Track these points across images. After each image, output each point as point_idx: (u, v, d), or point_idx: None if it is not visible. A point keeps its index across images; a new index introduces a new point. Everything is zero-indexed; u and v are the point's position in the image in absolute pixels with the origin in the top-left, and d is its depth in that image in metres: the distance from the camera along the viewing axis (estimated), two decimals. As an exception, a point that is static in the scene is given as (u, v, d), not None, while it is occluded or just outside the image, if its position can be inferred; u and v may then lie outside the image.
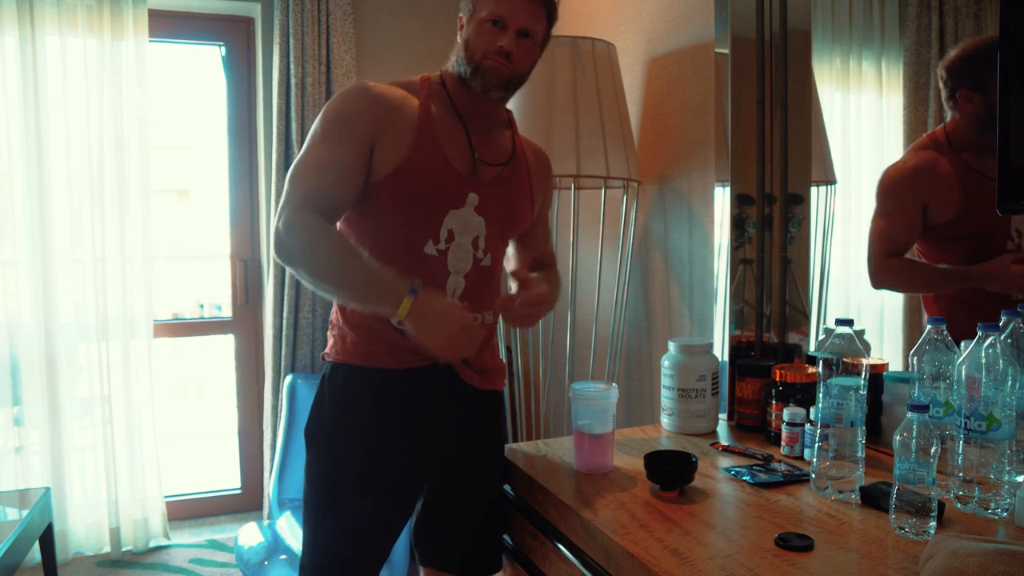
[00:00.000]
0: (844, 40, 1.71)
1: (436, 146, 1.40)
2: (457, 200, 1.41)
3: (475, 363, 1.48)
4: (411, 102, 1.42)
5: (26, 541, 2.11)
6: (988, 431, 1.13)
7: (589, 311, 2.61)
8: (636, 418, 2.43)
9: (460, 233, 1.42)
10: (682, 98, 2.17)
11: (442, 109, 1.45)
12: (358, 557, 1.44)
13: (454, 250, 1.42)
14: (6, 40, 2.65)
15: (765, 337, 1.87)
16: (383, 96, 1.40)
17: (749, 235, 1.84)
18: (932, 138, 1.48)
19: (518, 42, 1.40)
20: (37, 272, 2.73)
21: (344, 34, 2.95)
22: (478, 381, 1.49)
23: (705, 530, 1.13)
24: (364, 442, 1.42)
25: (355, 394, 1.43)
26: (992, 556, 0.90)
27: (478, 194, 1.43)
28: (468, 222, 1.42)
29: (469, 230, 1.43)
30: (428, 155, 1.39)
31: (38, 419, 2.77)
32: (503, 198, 1.47)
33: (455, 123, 1.45)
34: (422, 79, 1.48)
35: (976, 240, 1.45)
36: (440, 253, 1.41)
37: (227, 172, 3.16)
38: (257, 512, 3.23)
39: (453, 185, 1.41)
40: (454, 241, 1.42)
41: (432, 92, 1.45)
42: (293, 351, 2.96)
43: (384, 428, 1.42)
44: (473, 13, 1.41)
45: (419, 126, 1.40)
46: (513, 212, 1.51)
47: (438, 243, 1.41)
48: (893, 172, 1.56)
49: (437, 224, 1.40)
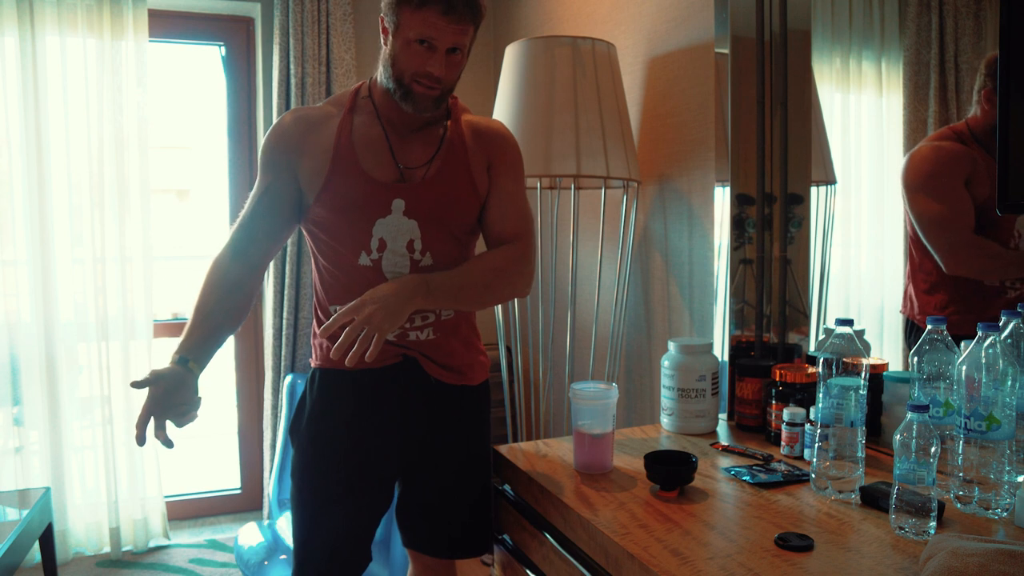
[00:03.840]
0: (844, 40, 1.71)
1: (351, 161, 1.44)
2: (382, 209, 1.43)
3: (440, 359, 1.51)
4: (333, 120, 1.47)
5: (26, 541, 2.11)
6: (988, 431, 1.13)
7: (589, 311, 2.61)
8: (636, 418, 2.43)
9: (392, 239, 1.44)
10: (682, 98, 2.17)
11: (365, 119, 1.47)
12: (343, 545, 1.50)
13: (388, 256, 1.44)
14: (6, 40, 2.65)
15: (765, 337, 1.87)
16: (303, 121, 1.47)
17: (749, 235, 1.84)
18: (954, 130, 1.47)
19: (447, 59, 1.38)
20: (37, 272, 2.73)
21: (344, 34, 2.95)
22: (447, 376, 1.53)
23: (705, 530, 1.13)
24: (339, 438, 1.49)
25: (331, 394, 1.51)
26: (992, 556, 0.91)
27: (404, 199, 1.43)
28: (399, 227, 1.44)
29: (401, 235, 1.44)
30: (344, 171, 1.43)
31: (38, 419, 2.77)
32: (436, 195, 1.46)
33: (378, 131, 1.46)
34: (352, 90, 1.51)
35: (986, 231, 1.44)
36: (374, 263, 1.44)
37: (227, 172, 3.16)
38: (257, 512, 3.23)
39: (373, 195, 1.43)
40: (387, 248, 1.44)
41: (357, 104, 1.49)
42: (293, 351, 2.96)
43: (359, 424, 1.49)
44: (399, 29, 1.36)
45: (336, 143, 1.44)
46: (451, 206, 1.47)
47: (370, 253, 1.44)
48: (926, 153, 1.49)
49: (366, 236, 1.44)
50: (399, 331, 1.47)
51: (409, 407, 1.51)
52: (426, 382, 1.51)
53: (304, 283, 2.96)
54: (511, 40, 2.48)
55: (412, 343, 1.48)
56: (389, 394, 1.49)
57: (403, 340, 1.48)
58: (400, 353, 1.48)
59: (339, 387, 1.51)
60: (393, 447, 1.51)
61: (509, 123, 2.17)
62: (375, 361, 1.44)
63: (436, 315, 1.49)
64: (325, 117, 1.47)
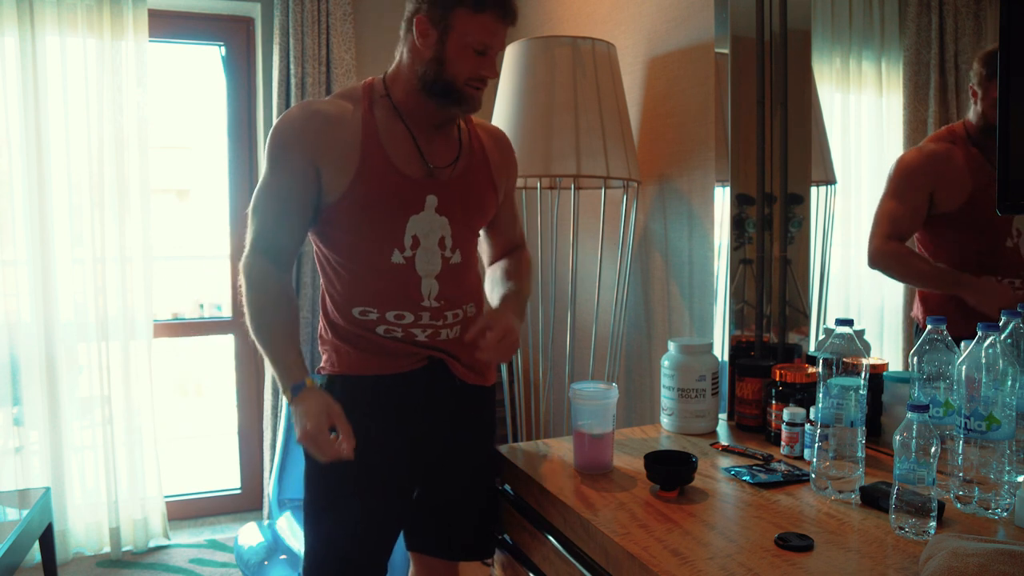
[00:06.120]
0: (844, 40, 1.71)
1: (383, 156, 1.40)
2: (416, 205, 1.41)
3: (465, 359, 1.49)
4: (353, 115, 1.41)
5: (26, 541, 2.11)
6: (988, 431, 1.13)
7: (589, 311, 2.61)
8: (636, 418, 2.43)
9: (424, 236, 1.42)
10: (682, 98, 2.17)
11: (385, 115, 1.43)
12: (359, 557, 1.45)
13: (421, 254, 1.42)
14: (6, 40, 2.65)
15: (765, 337, 1.87)
16: (321, 116, 1.39)
17: (749, 235, 1.84)
18: (951, 130, 1.48)
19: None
20: (37, 272, 2.73)
21: (344, 34, 2.95)
22: (470, 377, 1.51)
23: (705, 530, 1.13)
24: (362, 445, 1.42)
25: (353, 401, 1.43)
26: (992, 556, 0.90)
27: (436, 195, 1.42)
28: (431, 224, 1.43)
29: (434, 232, 1.43)
30: (376, 166, 1.39)
31: (38, 419, 2.77)
32: (463, 193, 1.47)
33: (401, 128, 1.43)
34: (364, 86, 1.46)
35: (976, 232, 1.46)
36: (407, 260, 1.42)
37: (227, 172, 3.16)
38: (257, 512, 3.23)
39: (407, 191, 1.41)
40: (420, 246, 1.42)
41: (375, 100, 1.44)
42: (293, 351, 2.96)
43: (382, 430, 1.44)
44: (451, 32, 1.36)
45: (364, 139, 1.39)
46: (477, 205, 1.50)
47: (404, 251, 1.41)
48: (907, 156, 1.57)
49: (400, 232, 1.41)
50: (431, 330, 1.44)
51: (434, 411, 1.47)
52: (451, 383, 1.48)
53: (304, 283, 2.96)
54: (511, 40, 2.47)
55: (442, 342, 1.46)
56: (415, 399, 1.45)
57: (434, 340, 1.45)
58: (427, 356, 1.45)
59: (360, 393, 1.44)
60: (416, 453, 1.47)
61: (509, 123, 2.17)
62: (403, 366, 1.42)
63: (464, 312, 1.48)
64: (341, 112, 1.40)
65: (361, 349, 1.43)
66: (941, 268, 1.53)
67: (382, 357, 1.42)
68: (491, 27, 1.35)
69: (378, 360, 1.43)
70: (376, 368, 1.43)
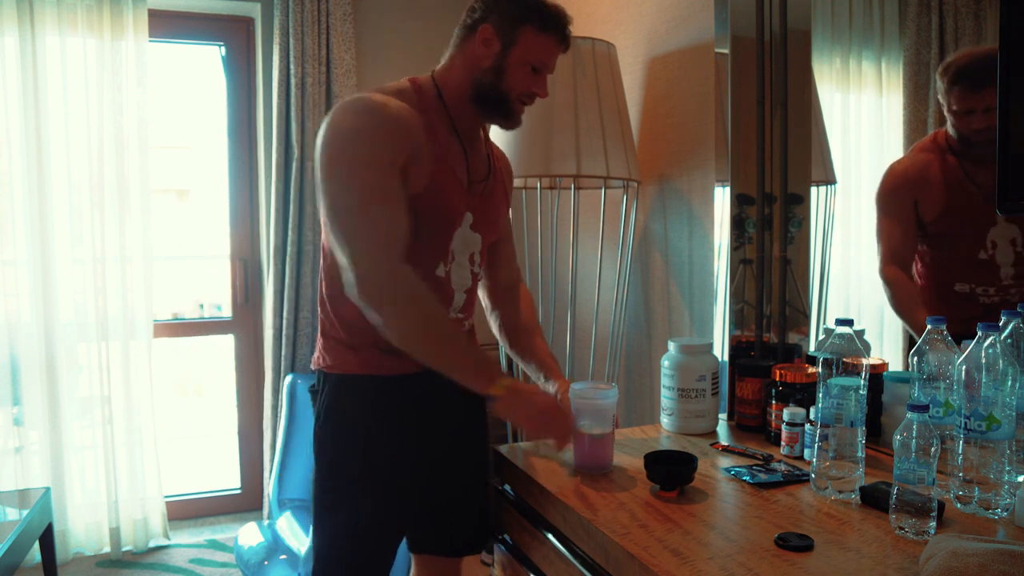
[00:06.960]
0: (844, 40, 1.71)
1: (447, 163, 1.37)
2: (459, 220, 1.41)
3: None
4: (417, 116, 1.34)
5: (26, 541, 2.11)
6: (988, 431, 1.13)
7: (589, 311, 2.61)
8: (636, 418, 2.43)
9: (460, 252, 1.43)
10: (682, 98, 2.17)
11: (438, 120, 1.38)
12: (362, 560, 1.46)
13: (455, 269, 1.43)
14: (6, 40, 2.65)
15: (765, 337, 1.87)
16: (404, 112, 1.31)
17: (749, 235, 1.84)
18: (934, 139, 1.48)
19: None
20: (37, 272, 2.73)
21: (344, 34, 2.95)
22: None
23: (705, 530, 1.13)
24: (367, 447, 1.43)
25: (357, 402, 1.43)
26: (992, 556, 0.90)
27: (472, 211, 1.42)
28: (466, 240, 1.43)
29: (467, 247, 1.44)
30: (445, 175, 1.36)
31: (38, 419, 2.77)
32: (491, 210, 1.48)
33: (453, 138, 1.41)
34: (413, 86, 1.40)
35: (951, 242, 1.48)
36: (446, 274, 1.42)
37: (227, 172, 3.16)
38: (257, 512, 3.23)
39: (458, 204, 1.39)
40: (454, 260, 1.42)
41: (429, 104, 1.39)
42: (293, 351, 2.96)
43: (384, 430, 1.43)
44: (514, 47, 1.35)
45: (434, 143, 1.35)
46: (495, 223, 1.51)
47: (447, 265, 1.41)
48: (888, 174, 1.58)
49: (446, 245, 1.41)
50: None
51: (436, 411, 1.47)
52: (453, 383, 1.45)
53: (303, 283, 2.95)
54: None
55: None
56: (418, 399, 1.45)
57: None
58: None
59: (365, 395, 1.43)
60: (419, 453, 1.47)
61: (509, 123, 2.17)
62: (407, 367, 1.38)
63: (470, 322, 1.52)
64: (410, 110, 1.32)
65: (366, 350, 1.43)
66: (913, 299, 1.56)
67: (386, 358, 1.42)
68: (551, 48, 1.38)
69: (381, 361, 1.42)
70: (380, 369, 1.43)
